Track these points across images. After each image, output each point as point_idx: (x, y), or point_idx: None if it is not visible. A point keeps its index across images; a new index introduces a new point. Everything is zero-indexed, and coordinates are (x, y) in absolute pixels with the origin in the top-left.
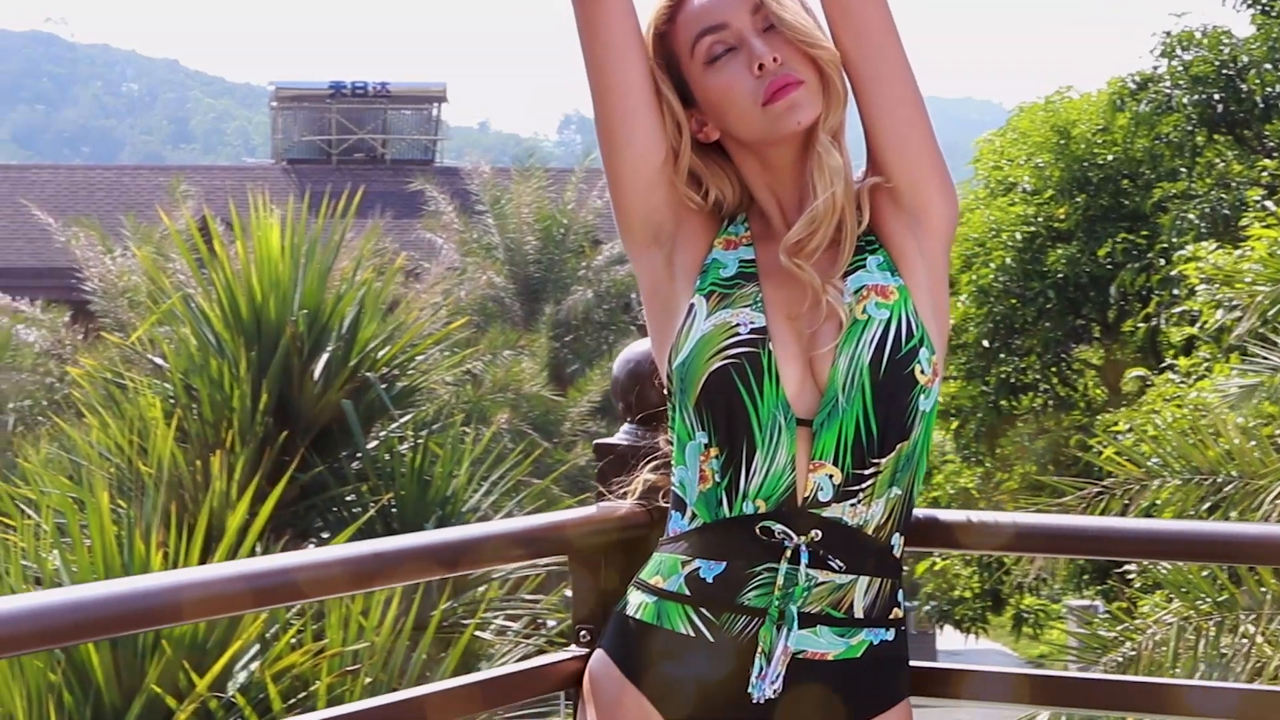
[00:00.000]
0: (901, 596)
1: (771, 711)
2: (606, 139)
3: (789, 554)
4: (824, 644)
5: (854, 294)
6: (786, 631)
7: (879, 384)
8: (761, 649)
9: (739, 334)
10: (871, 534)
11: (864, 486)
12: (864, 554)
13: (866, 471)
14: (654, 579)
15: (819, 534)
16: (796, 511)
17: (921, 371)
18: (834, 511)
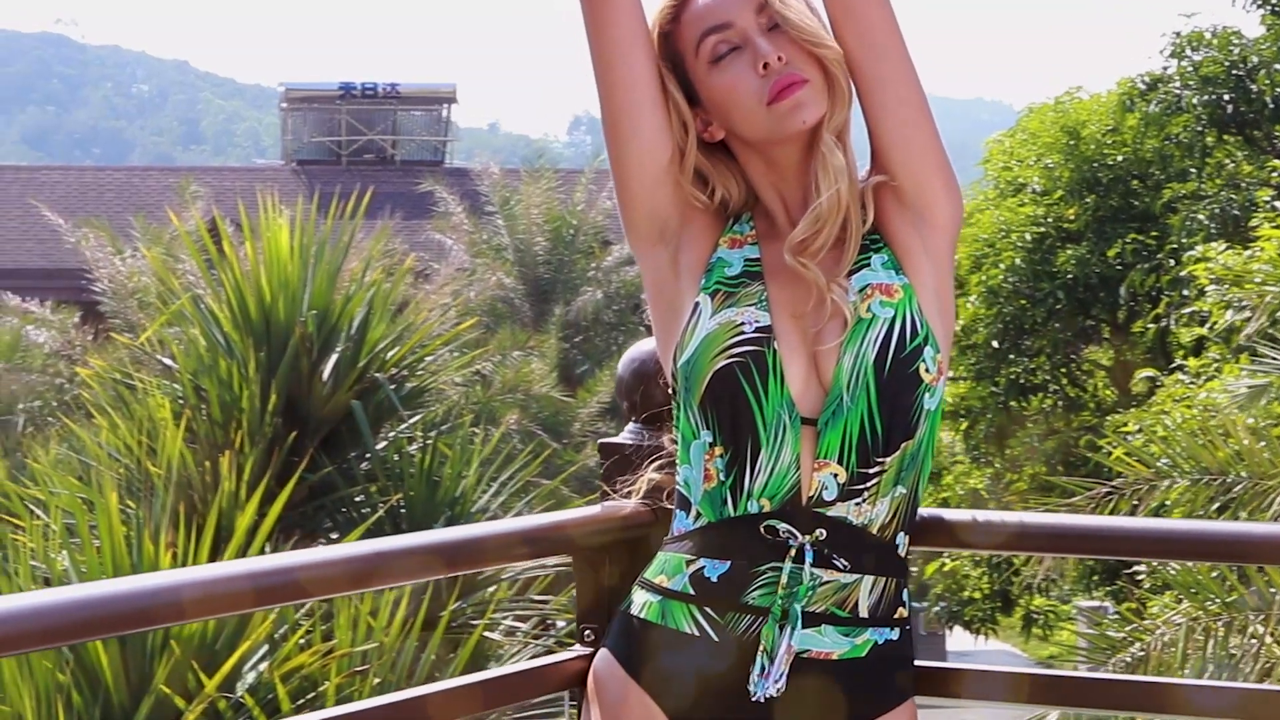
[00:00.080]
0: (907, 596)
1: (776, 711)
2: (613, 137)
3: (793, 553)
4: (828, 643)
5: (858, 292)
6: (790, 630)
7: (883, 383)
8: (764, 647)
9: (744, 333)
10: (876, 533)
11: (869, 485)
12: (869, 553)
13: (871, 470)
14: (658, 578)
15: (824, 533)
16: (801, 510)
17: (926, 370)
18: (839, 510)
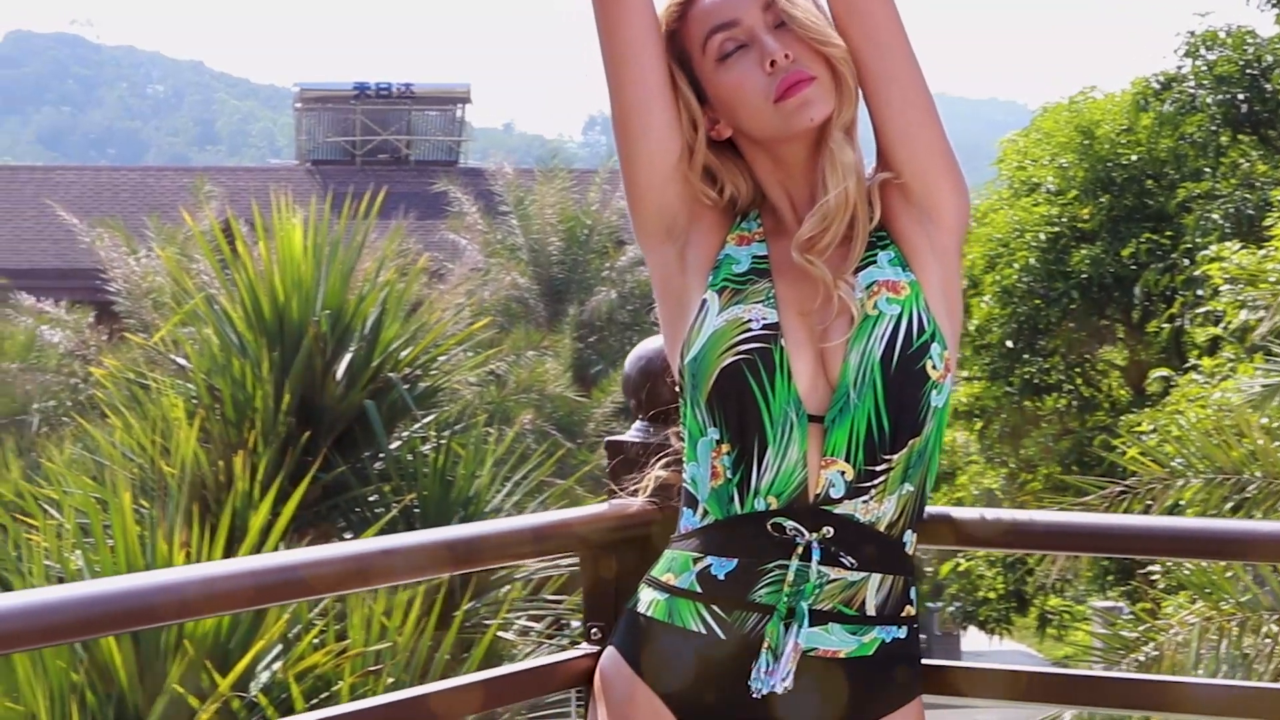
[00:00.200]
0: (914, 594)
1: (782, 708)
2: (623, 134)
3: (800, 551)
4: (836, 642)
5: (865, 289)
6: (797, 628)
7: (890, 379)
8: (768, 645)
9: (751, 330)
10: (884, 531)
11: (876, 483)
12: (876, 551)
13: (878, 468)
14: (665, 576)
15: (830, 531)
16: (808, 508)
17: (933, 367)
18: (846, 508)
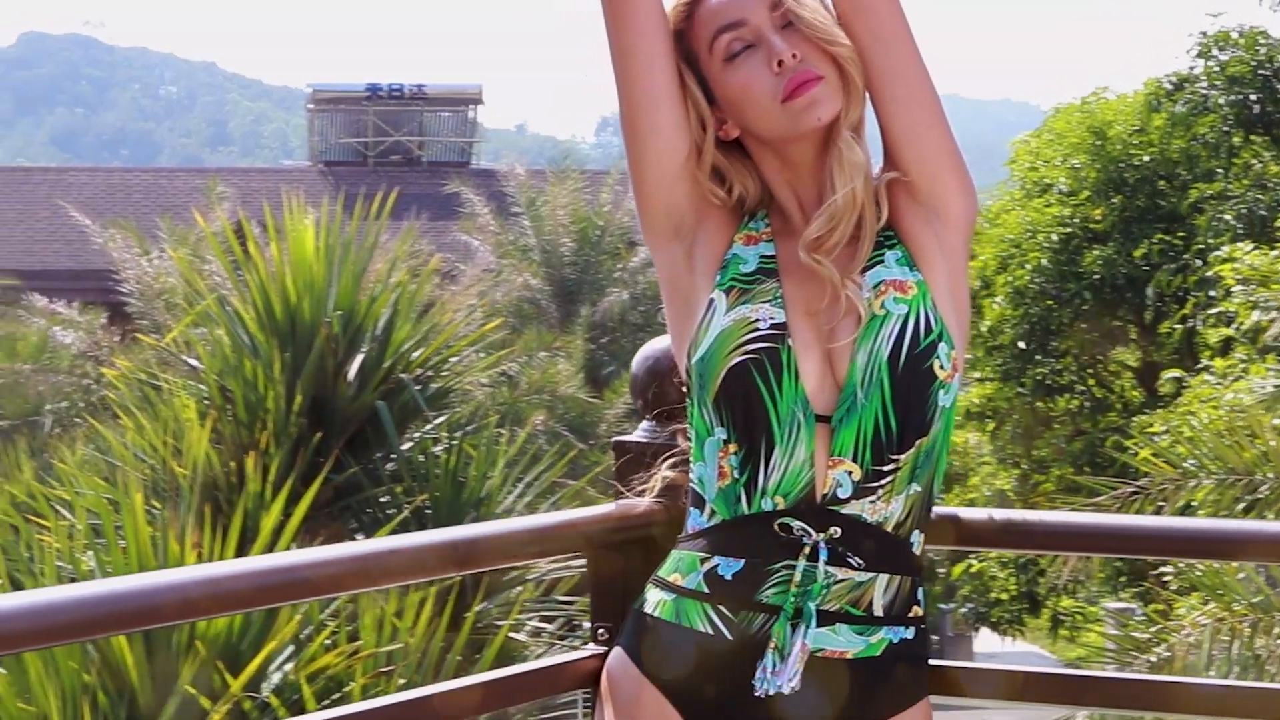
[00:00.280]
0: (922, 594)
1: (789, 709)
2: (631, 133)
3: (807, 551)
4: (843, 642)
5: (872, 289)
6: (804, 629)
7: (898, 379)
8: (775, 645)
9: (758, 329)
10: (891, 531)
11: (883, 483)
12: (883, 551)
13: (886, 468)
14: (672, 576)
15: (838, 531)
16: (815, 508)
17: (941, 366)
18: (853, 508)
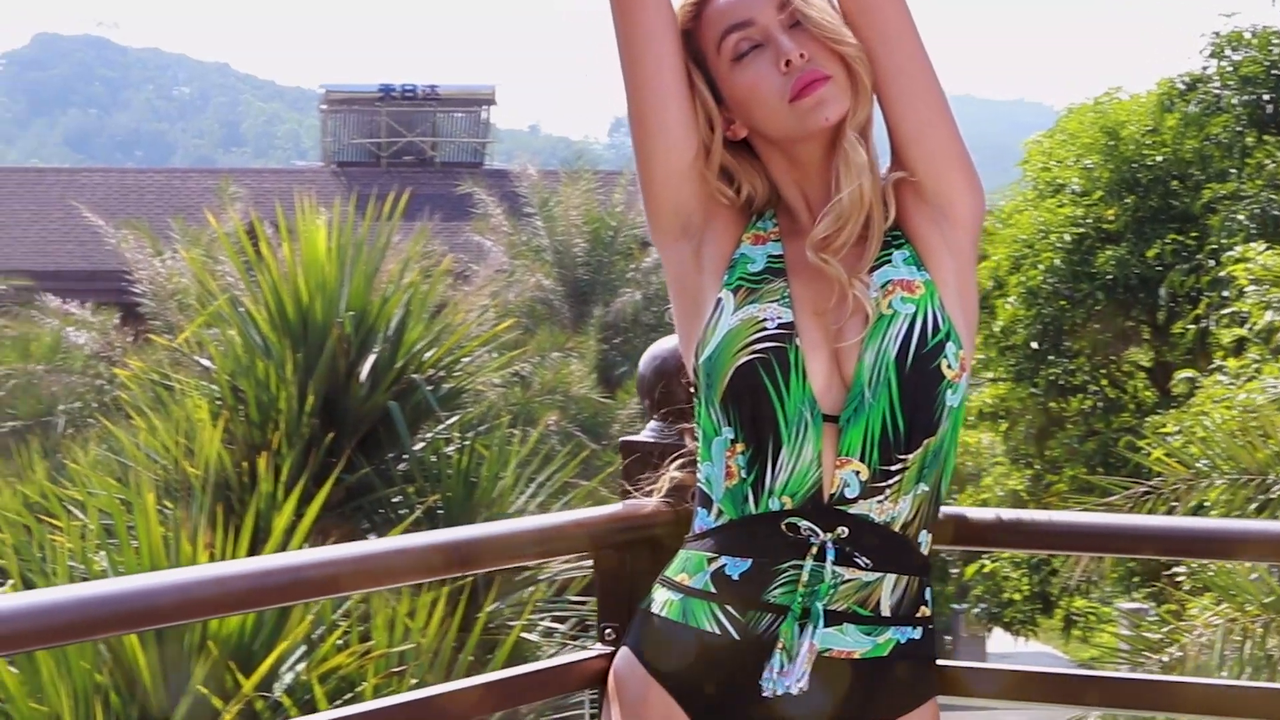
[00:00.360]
0: (929, 595)
1: (796, 709)
2: (640, 132)
3: (815, 551)
4: (850, 642)
5: (880, 288)
6: (812, 629)
7: (905, 379)
8: (782, 645)
9: (766, 329)
10: (899, 531)
11: (891, 483)
12: (891, 551)
13: (893, 468)
14: (680, 576)
15: (845, 531)
16: (823, 508)
17: (948, 366)
18: (861, 508)
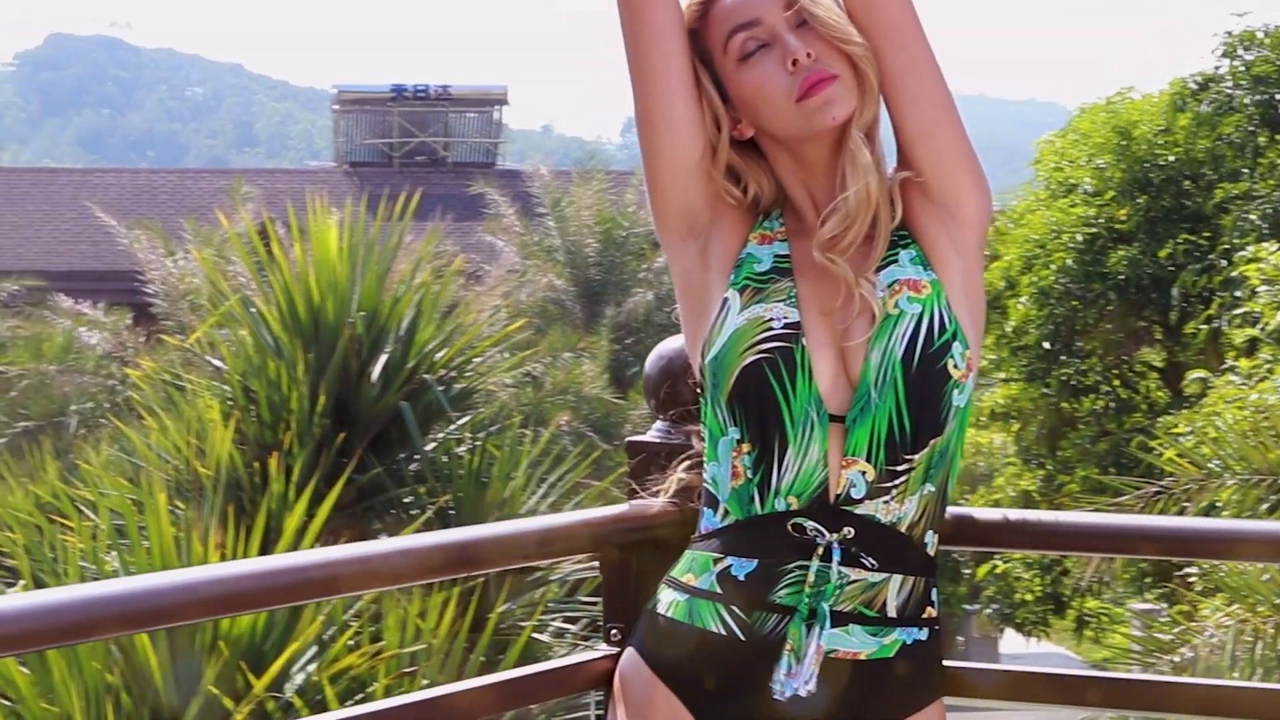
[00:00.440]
0: (935, 596)
1: (802, 710)
2: (646, 131)
3: (821, 551)
4: (856, 643)
5: (886, 288)
6: (819, 630)
7: (912, 379)
8: (790, 647)
9: (772, 329)
10: (905, 531)
11: (897, 483)
12: (897, 552)
13: (899, 468)
14: (685, 576)
15: (851, 531)
16: (829, 509)
17: (955, 366)
18: (867, 509)
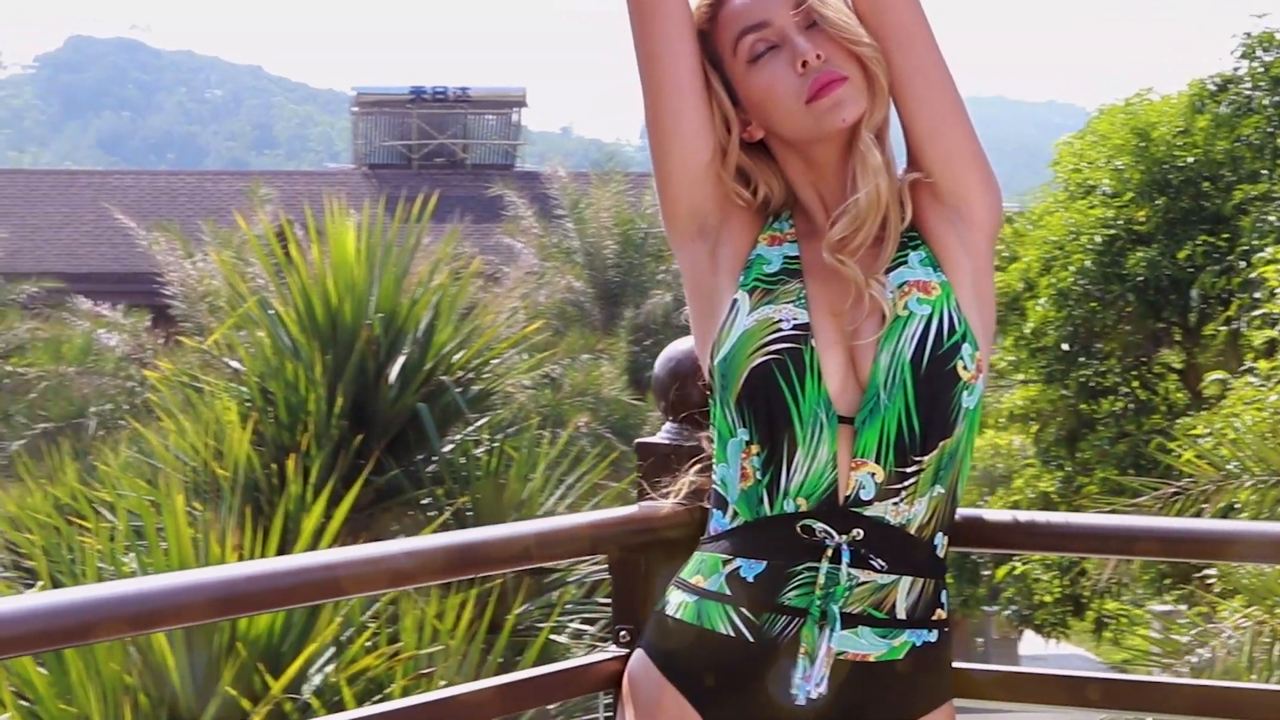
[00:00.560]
0: (945, 597)
1: (813, 713)
2: (656, 132)
3: (830, 553)
4: (865, 645)
5: (896, 289)
6: (829, 632)
7: (921, 380)
8: (804, 649)
9: (782, 330)
10: (914, 533)
11: (906, 485)
12: (907, 553)
13: (909, 470)
14: (694, 578)
15: (861, 533)
16: (838, 510)
17: (964, 367)
18: (876, 510)
